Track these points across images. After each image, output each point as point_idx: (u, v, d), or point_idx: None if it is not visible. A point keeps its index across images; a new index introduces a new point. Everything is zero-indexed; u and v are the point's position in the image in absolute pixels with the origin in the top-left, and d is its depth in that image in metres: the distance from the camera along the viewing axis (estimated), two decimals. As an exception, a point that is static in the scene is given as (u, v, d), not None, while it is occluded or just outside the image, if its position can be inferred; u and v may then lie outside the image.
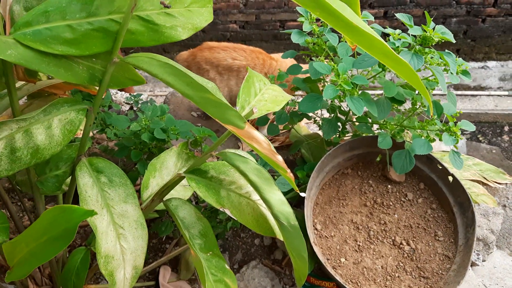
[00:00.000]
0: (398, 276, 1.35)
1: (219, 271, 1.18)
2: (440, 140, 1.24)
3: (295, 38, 1.36)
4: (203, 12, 0.93)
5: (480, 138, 3.51)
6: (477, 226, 1.62)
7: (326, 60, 1.39)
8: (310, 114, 1.62)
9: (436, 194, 1.49)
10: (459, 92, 3.50)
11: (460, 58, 1.34)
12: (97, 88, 1.13)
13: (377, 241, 1.42)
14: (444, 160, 1.79)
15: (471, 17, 3.26)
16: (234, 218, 1.13)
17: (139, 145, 1.43)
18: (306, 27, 1.34)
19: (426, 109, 1.36)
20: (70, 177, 1.11)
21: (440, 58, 1.28)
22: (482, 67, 3.54)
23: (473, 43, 3.43)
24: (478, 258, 1.58)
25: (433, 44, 1.20)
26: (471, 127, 1.28)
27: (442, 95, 3.48)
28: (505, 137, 3.48)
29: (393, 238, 1.42)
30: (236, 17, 3.17)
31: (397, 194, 1.50)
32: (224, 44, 1.86)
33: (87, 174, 0.97)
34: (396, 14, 1.31)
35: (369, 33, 0.65)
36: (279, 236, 1.18)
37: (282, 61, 1.84)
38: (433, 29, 1.22)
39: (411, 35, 1.26)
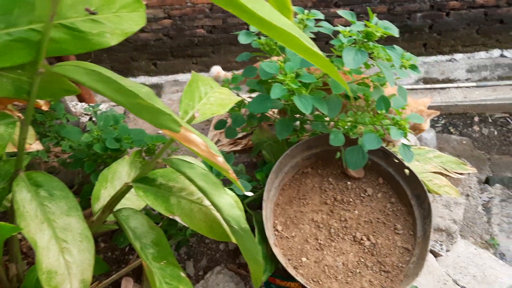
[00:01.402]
0: (359, 272, 1.35)
1: (174, 279, 1.16)
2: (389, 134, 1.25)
3: (242, 39, 1.36)
4: (133, 16, 0.92)
5: (452, 130, 3.56)
6: (440, 217, 1.64)
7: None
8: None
9: (395, 188, 1.50)
10: (428, 86, 3.55)
11: (409, 53, 1.35)
12: (40, 101, 1.11)
13: (338, 238, 1.42)
14: (405, 153, 1.80)
15: (435, 11, 3.31)
16: (185, 225, 1.12)
17: (93, 156, 1.41)
18: (253, 27, 1.34)
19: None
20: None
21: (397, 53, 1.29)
22: (450, 60, 3.59)
23: (439, 37, 3.48)
24: (441, 249, 1.59)
25: (376, 39, 1.21)
26: (420, 119, 1.29)
27: (415, 89, 3.52)
28: (476, 128, 3.53)
29: (353, 234, 1.42)
30: (203, 22, 3.17)
31: (357, 190, 1.51)
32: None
33: (25, 189, 0.95)
34: (338, 11, 1.31)
35: (283, 28, 0.65)
36: (234, 240, 1.17)
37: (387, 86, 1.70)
38: (376, 24, 1.23)
39: (357, 31, 1.27)
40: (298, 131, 1.54)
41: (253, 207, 1.56)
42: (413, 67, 1.32)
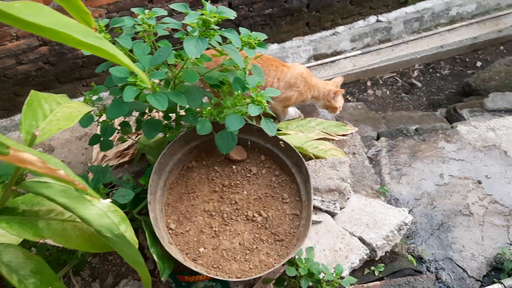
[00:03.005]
0: (256, 247, 1.40)
1: (63, 301, 1.13)
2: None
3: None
4: None
5: (350, 98, 3.78)
6: (328, 178, 1.74)
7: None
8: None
9: (276, 161, 1.57)
10: (319, 62, 3.73)
11: (255, 32, 1.42)
12: None
13: (232, 221, 1.46)
14: (289, 128, 1.89)
15: (305, -11, 3.47)
16: (60, 245, 1.09)
17: (-43, 201, 1.32)
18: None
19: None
20: None
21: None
22: (333, 34, 3.79)
23: (319, 14, 3.66)
24: (335, 207, 1.69)
25: (213, 24, 1.25)
26: (277, 92, 1.36)
27: (310, 67, 3.67)
28: (370, 91, 3.77)
29: (245, 213, 1.47)
30: (82, 42, 3.06)
31: (243, 171, 1.56)
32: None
33: None
34: (171, 5, 1.34)
35: (48, 27, 0.66)
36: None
37: (295, 68, 1.92)
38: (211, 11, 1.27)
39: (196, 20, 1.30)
40: (174, 128, 1.55)
41: (146, 213, 1.56)
42: (261, 45, 1.39)
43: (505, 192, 2.01)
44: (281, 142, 1.51)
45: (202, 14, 1.26)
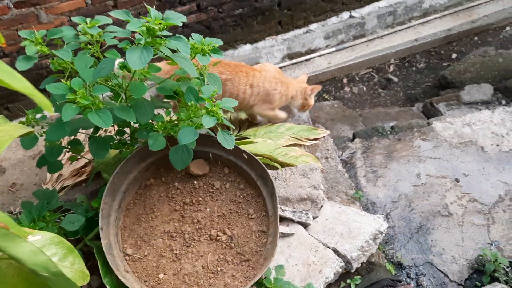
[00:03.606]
0: (220, 270, 1.30)
1: None
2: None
3: (21, 65, 1.22)
4: None
5: (326, 97, 3.70)
6: (300, 187, 1.65)
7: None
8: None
9: (241, 174, 1.47)
10: (294, 61, 3.64)
11: (209, 38, 1.32)
12: None
13: (194, 242, 1.35)
14: (257, 135, 1.79)
15: (276, -13, 3.38)
16: (-8, 287, 0.97)
17: None
18: (31, 50, 1.21)
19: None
20: None
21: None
22: (307, 32, 3.70)
23: (291, 12, 3.57)
24: (308, 218, 1.60)
25: (158, 32, 1.14)
26: (234, 103, 1.26)
27: (284, 67, 3.59)
28: (347, 89, 3.70)
29: (209, 233, 1.37)
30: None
31: (205, 187, 1.46)
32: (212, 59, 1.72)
33: None
34: (110, 13, 1.23)
35: None
36: (59, 285, 1.04)
37: (267, 71, 1.86)
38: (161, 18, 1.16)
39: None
40: (129, 143, 1.44)
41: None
42: (215, 51, 1.29)
43: (483, 189, 1.95)
44: (243, 153, 1.41)
45: (147, 22, 1.15)
